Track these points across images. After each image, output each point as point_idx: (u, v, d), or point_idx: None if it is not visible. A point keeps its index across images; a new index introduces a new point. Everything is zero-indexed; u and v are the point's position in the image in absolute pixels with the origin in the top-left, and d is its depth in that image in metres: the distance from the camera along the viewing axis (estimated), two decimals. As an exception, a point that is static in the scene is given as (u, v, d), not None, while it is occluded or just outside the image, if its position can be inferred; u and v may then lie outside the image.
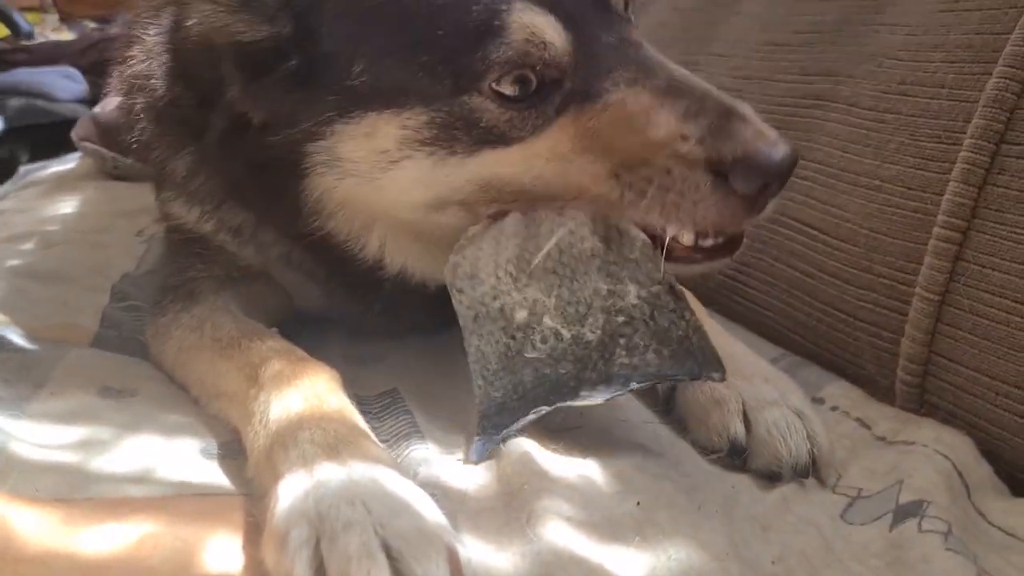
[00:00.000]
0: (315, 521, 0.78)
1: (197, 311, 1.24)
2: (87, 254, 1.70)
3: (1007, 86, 1.15)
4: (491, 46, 0.95)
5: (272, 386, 1.01)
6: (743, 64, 1.70)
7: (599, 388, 1.00)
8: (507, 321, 1.03)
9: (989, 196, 1.16)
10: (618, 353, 1.01)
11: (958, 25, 1.27)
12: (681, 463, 1.05)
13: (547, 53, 0.97)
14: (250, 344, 1.12)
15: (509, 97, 0.99)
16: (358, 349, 1.33)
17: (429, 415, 1.14)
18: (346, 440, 0.91)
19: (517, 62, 0.97)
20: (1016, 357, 1.10)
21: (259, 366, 1.05)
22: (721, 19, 1.83)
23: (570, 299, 1.02)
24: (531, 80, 0.99)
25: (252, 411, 0.99)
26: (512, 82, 0.98)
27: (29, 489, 0.91)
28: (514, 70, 0.98)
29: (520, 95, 0.99)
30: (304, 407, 0.96)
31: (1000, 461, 1.11)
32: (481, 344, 1.03)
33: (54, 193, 2.22)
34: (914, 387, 1.22)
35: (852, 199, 1.36)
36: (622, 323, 1.02)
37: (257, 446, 0.95)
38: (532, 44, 0.96)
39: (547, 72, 0.99)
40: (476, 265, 1.04)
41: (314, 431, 0.91)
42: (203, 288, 1.29)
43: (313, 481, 0.83)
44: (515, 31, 0.95)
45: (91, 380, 1.18)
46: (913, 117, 1.29)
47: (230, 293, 1.30)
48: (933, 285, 1.20)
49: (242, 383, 1.05)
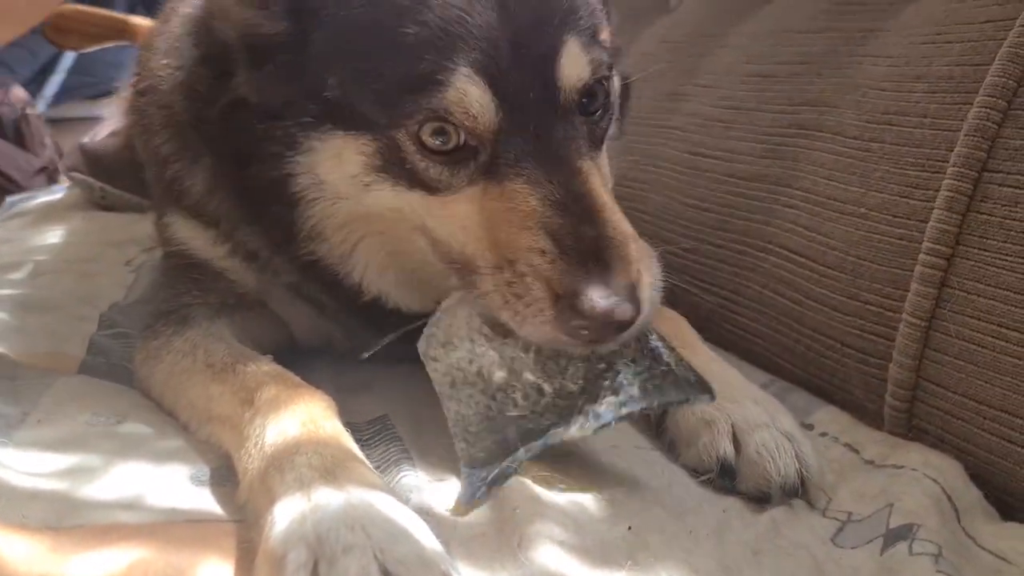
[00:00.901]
0: (314, 544, 0.78)
1: (191, 335, 1.24)
2: (75, 284, 1.70)
3: (988, 115, 1.17)
4: (425, 93, 0.99)
5: (268, 410, 1.01)
6: (730, 95, 1.72)
7: (589, 422, 0.99)
8: (485, 383, 1.02)
9: (973, 223, 1.18)
10: (603, 394, 1.00)
11: (940, 57, 1.30)
12: (672, 487, 1.05)
13: (471, 120, 1.00)
14: (245, 368, 1.12)
15: (427, 146, 1.02)
16: (347, 376, 1.33)
17: (419, 441, 1.13)
18: (343, 465, 0.91)
19: (441, 115, 1.00)
20: (1002, 381, 1.11)
21: (255, 390, 1.06)
22: (708, 51, 1.86)
23: (549, 353, 1.02)
24: (451, 137, 1.01)
25: (247, 434, 0.99)
26: (432, 133, 1.01)
27: (17, 517, 0.90)
28: (437, 121, 1.01)
29: (438, 148, 1.02)
30: (300, 432, 0.96)
31: (989, 485, 1.12)
32: (460, 408, 1.02)
33: (41, 223, 2.21)
34: (902, 412, 1.23)
35: (838, 227, 1.37)
36: (603, 369, 1.02)
37: (251, 468, 0.95)
38: (459, 107, 0.99)
39: (468, 138, 1.02)
40: (449, 332, 1.05)
41: (311, 455, 0.91)
42: (197, 314, 1.28)
43: (311, 504, 0.83)
44: (450, 91, 0.98)
45: (79, 407, 1.17)
46: (897, 146, 1.31)
47: (224, 320, 1.30)
48: (919, 311, 1.21)
49: (236, 407, 1.05)
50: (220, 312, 1.31)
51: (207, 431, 1.10)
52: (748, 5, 1.88)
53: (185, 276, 1.34)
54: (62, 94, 5.37)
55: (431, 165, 1.03)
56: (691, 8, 2.05)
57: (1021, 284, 1.10)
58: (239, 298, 1.33)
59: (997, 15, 1.23)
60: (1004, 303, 1.12)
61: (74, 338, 1.45)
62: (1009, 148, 1.15)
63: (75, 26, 2.81)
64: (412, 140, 1.02)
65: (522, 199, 0.99)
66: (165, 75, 1.28)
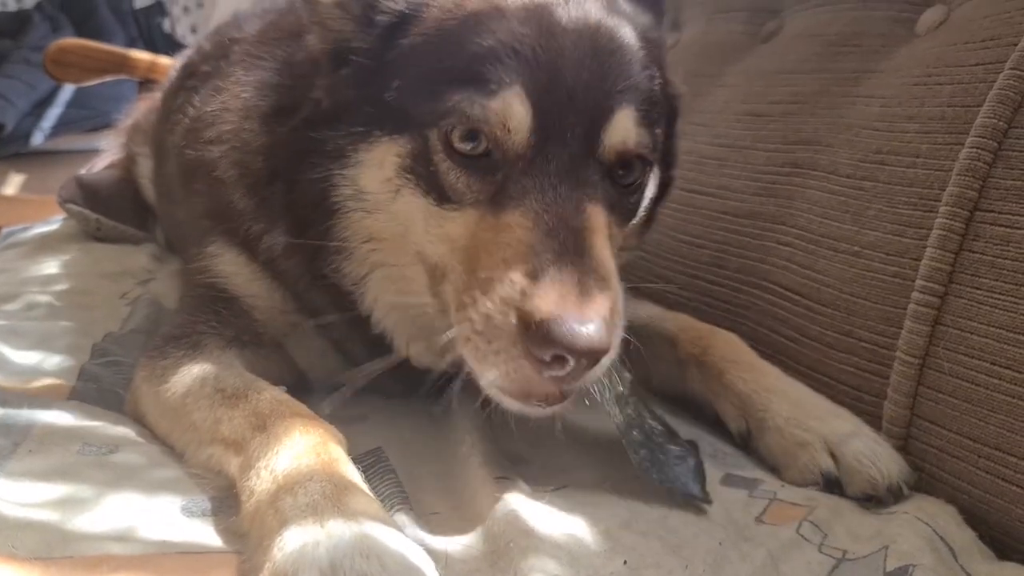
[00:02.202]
0: (327, 570, 0.79)
1: (201, 361, 1.23)
2: (70, 316, 1.69)
3: (979, 156, 1.19)
4: (472, 94, 1.03)
5: (284, 435, 1.01)
6: (726, 133, 1.74)
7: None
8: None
9: (965, 262, 1.19)
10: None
11: (931, 98, 1.32)
12: (668, 519, 1.04)
13: (502, 133, 1.03)
14: (259, 395, 1.12)
15: (455, 147, 1.05)
16: (341, 409, 1.33)
17: (413, 475, 1.13)
18: (356, 497, 0.91)
19: (478, 120, 1.03)
20: (996, 419, 1.11)
21: (268, 416, 1.06)
22: (705, 90, 1.88)
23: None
24: (479, 144, 1.05)
25: (256, 456, 1.00)
26: (463, 136, 1.05)
27: (7, 547, 0.89)
28: (473, 125, 1.04)
29: (464, 151, 1.05)
30: (315, 461, 0.97)
31: (984, 523, 1.11)
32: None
33: (37, 254, 2.21)
34: (897, 449, 1.22)
35: (832, 264, 1.38)
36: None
37: (260, 490, 0.95)
38: (499, 117, 1.03)
39: (494, 150, 1.05)
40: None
41: (325, 484, 0.92)
42: (209, 343, 1.29)
43: (325, 531, 0.84)
44: (496, 100, 1.02)
45: (70, 438, 1.16)
46: (890, 185, 1.32)
47: (235, 352, 1.30)
48: (913, 348, 1.22)
49: (247, 430, 1.06)
50: (232, 344, 1.31)
51: (207, 453, 1.10)
52: (744, 45, 1.91)
53: (207, 307, 1.35)
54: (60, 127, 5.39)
55: (451, 168, 1.06)
56: (688, 47, 2.08)
57: (1014, 322, 1.11)
58: (255, 336, 1.35)
59: (987, 59, 1.25)
60: (997, 341, 1.12)
61: (67, 368, 1.44)
62: (1000, 188, 1.17)
63: (76, 60, 2.84)
64: (442, 140, 1.06)
65: (515, 226, 1.00)
66: (246, 137, 1.30)
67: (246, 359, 1.30)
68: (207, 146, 1.35)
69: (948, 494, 1.16)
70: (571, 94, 1.05)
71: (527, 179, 1.03)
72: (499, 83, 1.03)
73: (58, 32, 5.75)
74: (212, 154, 1.34)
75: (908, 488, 1.16)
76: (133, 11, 6.60)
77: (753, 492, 1.16)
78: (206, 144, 1.36)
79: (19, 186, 5.14)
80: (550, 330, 0.90)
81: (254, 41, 1.44)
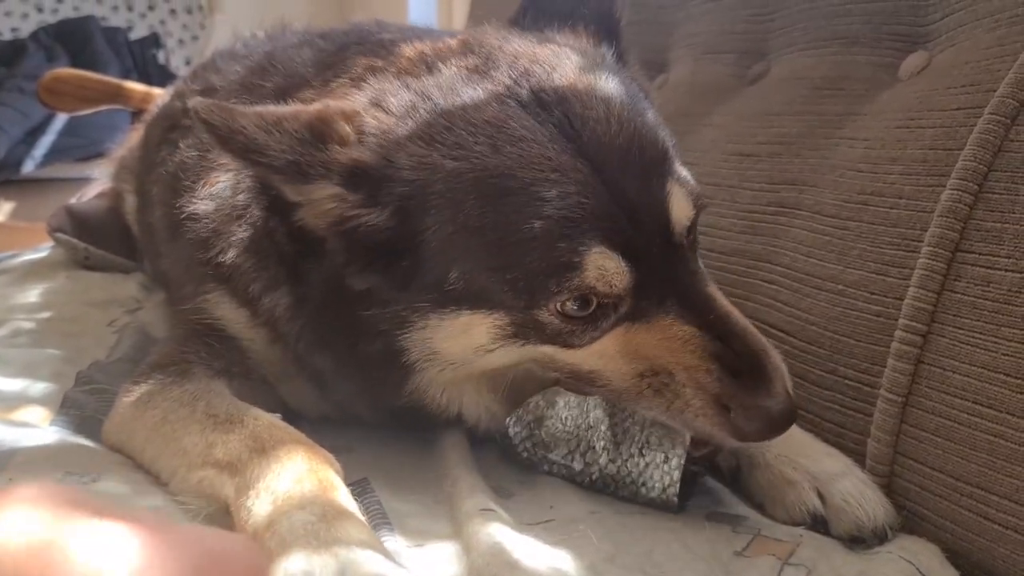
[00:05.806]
0: None
1: (191, 387, 1.23)
2: (57, 343, 1.69)
3: (960, 198, 1.21)
4: (565, 277, 1.06)
5: (286, 459, 1.02)
6: (712, 172, 1.76)
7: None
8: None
9: (947, 302, 1.20)
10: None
11: (914, 140, 1.34)
12: (652, 554, 1.04)
13: (610, 288, 1.08)
14: (256, 421, 1.13)
15: (570, 315, 1.10)
16: (327, 439, 1.30)
17: (398, 506, 1.13)
18: (354, 526, 0.92)
19: (584, 289, 1.07)
20: (978, 457, 1.12)
21: (267, 440, 1.07)
22: (692, 129, 1.91)
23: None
24: (592, 302, 1.09)
25: (256, 477, 1.00)
26: (575, 301, 1.08)
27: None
28: (579, 295, 1.08)
29: (580, 313, 1.10)
30: (315, 487, 0.98)
31: (967, 562, 1.12)
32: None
33: (24, 281, 2.20)
34: (881, 487, 1.23)
35: (817, 303, 1.40)
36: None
37: (258, 512, 0.95)
38: (599, 281, 1.07)
39: (606, 300, 1.09)
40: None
41: (326, 508, 0.93)
42: (198, 372, 1.29)
43: (329, 553, 0.85)
44: (588, 269, 1.06)
45: (53, 465, 1.15)
46: (873, 225, 1.34)
47: (224, 382, 1.30)
48: (897, 387, 1.23)
49: (244, 452, 1.06)
50: (221, 375, 1.31)
51: (198, 476, 1.09)
52: (731, 87, 1.94)
53: (198, 339, 1.34)
54: (52, 155, 5.41)
55: (571, 328, 1.11)
56: (676, 87, 2.11)
57: (994, 362, 1.12)
58: (246, 370, 1.35)
59: (967, 103, 1.28)
60: (979, 380, 1.13)
61: (50, 395, 1.44)
62: (981, 230, 1.19)
63: (70, 89, 2.85)
64: (555, 314, 1.10)
65: (676, 328, 1.10)
66: (239, 211, 1.27)
67: (233, 388, 1.29)
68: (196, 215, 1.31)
69: (931, 532, 1.16)
70: (632, 212, 1.08)
71: (650, 296, 1.10)
72: (579, 254, 1.05)
73: (53, 61, 5.79)
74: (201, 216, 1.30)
75: (893, 532, 1.16)
76: (128, 42, 6.65)
77: (737, 528, 1.16)
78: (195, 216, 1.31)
79: (8, 213, 5.14)
80: (755, 415, 1.07)
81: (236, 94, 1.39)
